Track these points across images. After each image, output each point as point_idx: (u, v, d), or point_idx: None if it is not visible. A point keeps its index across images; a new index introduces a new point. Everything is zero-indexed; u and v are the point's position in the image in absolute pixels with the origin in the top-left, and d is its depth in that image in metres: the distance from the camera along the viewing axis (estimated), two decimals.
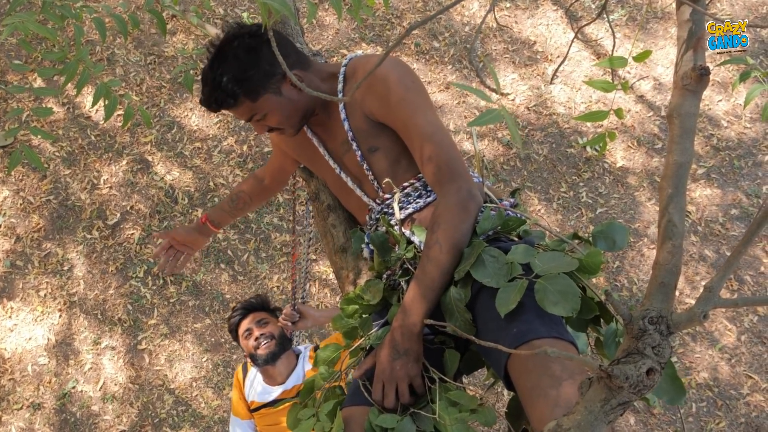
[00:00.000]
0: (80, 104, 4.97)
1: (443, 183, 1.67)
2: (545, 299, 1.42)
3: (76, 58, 2.14)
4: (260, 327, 3.01)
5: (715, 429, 4.09)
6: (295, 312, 2.82)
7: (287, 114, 1.86)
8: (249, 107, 1.84)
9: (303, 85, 1.17)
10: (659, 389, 1.31)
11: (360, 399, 1.64)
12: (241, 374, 3.18)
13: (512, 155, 4.94)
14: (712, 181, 4.85)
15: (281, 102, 1.84)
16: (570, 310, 1.40)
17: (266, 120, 1.87)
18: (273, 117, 1.86)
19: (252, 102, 1.82)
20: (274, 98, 1.83)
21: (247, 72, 1.78)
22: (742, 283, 4.50)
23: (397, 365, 1.57)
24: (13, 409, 4.15)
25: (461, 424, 1.48)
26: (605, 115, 1.78)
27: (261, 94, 1.81)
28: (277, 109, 1.84)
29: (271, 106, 1.84)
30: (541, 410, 1.30)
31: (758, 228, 0.93)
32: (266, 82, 1.80)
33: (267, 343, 2.95)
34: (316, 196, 2.23)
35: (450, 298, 1.58)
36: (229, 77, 1.78)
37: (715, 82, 5.15)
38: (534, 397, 1.33)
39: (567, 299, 1.41)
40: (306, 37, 2.31)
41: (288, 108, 1.85)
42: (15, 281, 4.47)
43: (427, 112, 1.75)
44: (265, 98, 1.82)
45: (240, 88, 1.79)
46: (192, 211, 4.67)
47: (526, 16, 5.45)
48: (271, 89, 1.81)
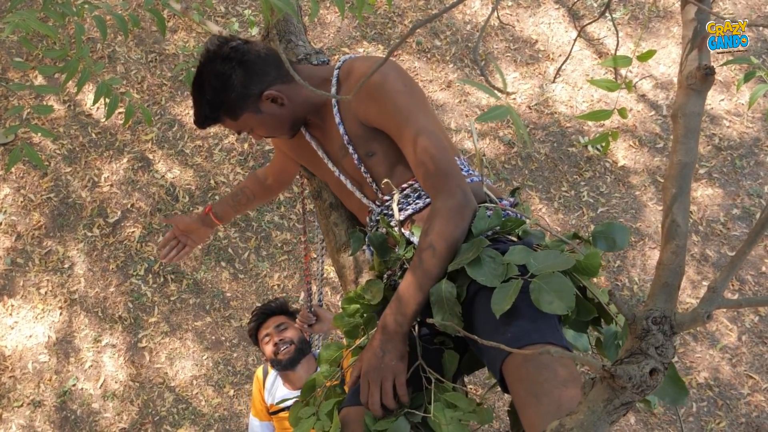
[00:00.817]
0: (81, 102, 4.96)
1: (436, 188, 1.67)
2: (540, 298, 1.42)
3: (76, 55, 2.14)
4: (279, 332, 2.98)
5: (716, 429, 4.09)
6: (311, 315, 2.81)
7: (272, 128, 1.91)
8: (233, 125, 1.91)
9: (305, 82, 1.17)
10: (661, 390, 1.30)
11: (349, 400, 1.64)
12: (261, 375, 3.15)
13: (513, 154, 4.94)
14: (714, 181, 4.84)
15: (263, 119, 1.88)
16: (565, 308, 1.39)
17: (255, 134, 1.95)
18: (259, 131, 1.93)
19: (233, 121, 1.89)
20: (254, 116, 1.88)
21: (220, 97, 1.84)
22: (744, 283, 4.50)
23: (382, 364, 1.57)
24: (14, 407, 4.15)
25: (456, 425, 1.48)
26: (609, 114, 1.77)
27: (240, 115, 1.86)
28: (260, 125, 1.90)
29: (254, 124, 1.90)
30: (533, 416, 1.31)
31: (762, 228, 0.93)
32: (242, 103, 1.85)
33: (286, 348, 2.93)
34: (319, 195, 2.23)
35: (440, 291, 1.57)
36: (207, 101, 1.85)
37: (717, 82, 5.14)
38: (527, 405, 1.34)
39: (562, 298, 1.41)
40: (307, 35, 2.31)
41: (271, 122, 1.90)
42: (16, 279, 4.47)
43: (420, 116, 1.74)
44: (245, 117, 1.87)
45: (219, 111, 1.86)
46: (193, 209, 4.67)
47: (527, 14, 5.45)
48: (249, 109, 1.86)
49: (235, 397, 4.19)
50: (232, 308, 4.43)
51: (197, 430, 4.12)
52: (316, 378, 1.75)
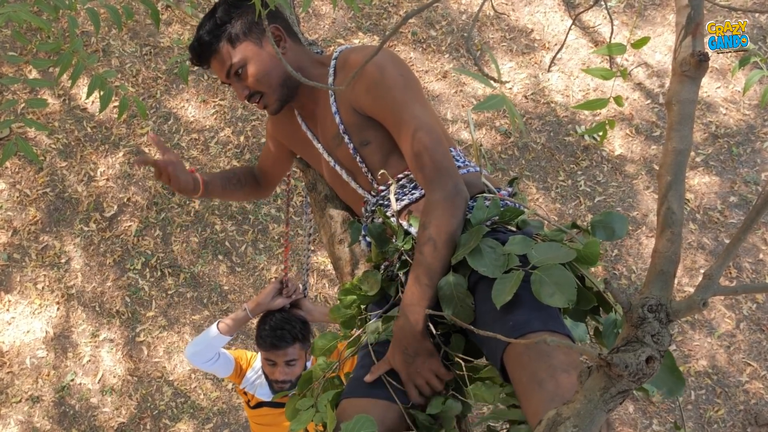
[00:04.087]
0: (76, 96, 4.94)
1: (429, 180, 1.67)
2: (541, 290, 1.42)
3: (70, 49, 2.12)
4: (286, 369, 2.76)
5: (714, 416, 4.10)
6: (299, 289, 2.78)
7: (266, 69, 1.85)
8: (228, 54, 1.84)
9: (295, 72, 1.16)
10: (658, 380, 1.30)
11: (359, 391, 1.64)
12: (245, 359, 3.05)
13: (510, 144, 4.93)
14: (711, 169, 4.84)
15: (261, 54, 1.84)
16: (566, 301, 1.40)
17: (245, 74, 1.86)
18: (252, 68, 1.85)
19: (231, 47, 1.84)
20: (253, 47, 1.84)
21: (230, 14, 1.83)
22: (741, 270, 4.51)
23: (417, 367, 1.59)
24: (12, 403, 4.15)
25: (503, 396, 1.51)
26: (604, 103, 1.76)
27: (241, 40, 1.83)
28: (256, 59, 1.84)
29: (251, 55, 1.84)
30: (536, 404, 1.31)
31: (757, 215, 0.93)
32: (248, 28, 1.83)
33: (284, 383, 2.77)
34: (313, 187, 2.22)
35: (448, 284, 1.57)
36: (214, 21, 1.84)
37: (713, 69, 5.13)
38: (528, 392, 1.34)
39: (563, 290, 1.41)
40: (302, 26, 2.30)
41: (267, 63, 1.85)
42: (12, 274, 4.46)
43: (416, 107, 1.73)
44: (244, 45, 1.84)
45: (221, 29, 1.83)
46: (189, 203, 4.66)
47: (523, 3, 5.43)
48: (252, 38, 1.84)
49: (234, 390, 4.19)
50: (229, 301, 4.43)
51: (196, 423, 4.12)
52: (313, 371, 1.75)
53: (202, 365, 2.88)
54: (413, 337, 1.59)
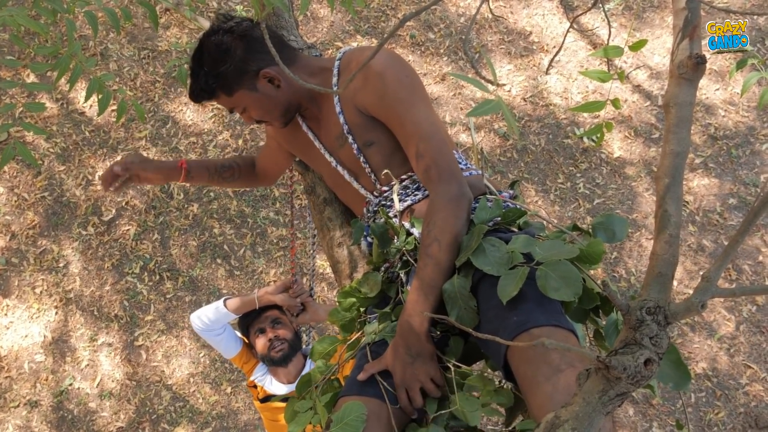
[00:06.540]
0: (74, 100, 4.94)
1: (434, 181, 1.68)
2: (547, 285, 1.42)
3: (68, 53, 2.12)
4: (274, 329, 2.89)
5: (714, 419, 4.10)
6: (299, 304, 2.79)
7: (266, 109, 1.90)
8: (227, 101, 1.90)
9: (296, 78, 1.16)
10: (664, 375, 1.31)
11: (353, 390, 1.63)
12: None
13: (509, 147, 4.93)
14: (710, 171, 4.84)
15: (257, 98, 1.87)
16: (572, 294, 1.40)
17: (247, 113, 1.93)
18: (252, 111, 1.91)
19: (228, 96, 1.88)
20: (249, 94, 1.87)
21: (219, 68, 1.83)
22: (741, 272, 4.50)
23: (415, 369, 1.58)
24: (10, 407, 4.14)
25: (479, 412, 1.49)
26: (602, 105, 1.77)
27: (235, 90, 1.86)
28: (254, 104, 1.89)
29: (248, 101, 1.89)
30: (542, 398, 1.31)
31: (756, 217, 0.92)
32: (239, 78, 1.84)
33: (281, 346, 2.86)
34: (312, 190, 2.22)
35: (453, 286, 1.57)
36: (205, 72, 1.85)
37: (712, 71, 5.13)
38: (534, 386, 1.34)
39: (569, 284, 1.41)
40: (300, 29, 2.30)
41: (266, 103, 1.89)
42: (10, 278, 4.45)
43: (420, 109, 1.74)
44: (240, 94, 1.87)
45: (215, 83, 1.85)
46: (188, 206, 4.66)
47: (521, 6, 5.43)
48: (246, 86, 1.86)
49: (233, 394, 4.18)
50: None
51: (195, 427, 4.11)
52: (312, 374, 1.75)
53: (207, 334, 2.92)
54: (417, 336, 1.59)
